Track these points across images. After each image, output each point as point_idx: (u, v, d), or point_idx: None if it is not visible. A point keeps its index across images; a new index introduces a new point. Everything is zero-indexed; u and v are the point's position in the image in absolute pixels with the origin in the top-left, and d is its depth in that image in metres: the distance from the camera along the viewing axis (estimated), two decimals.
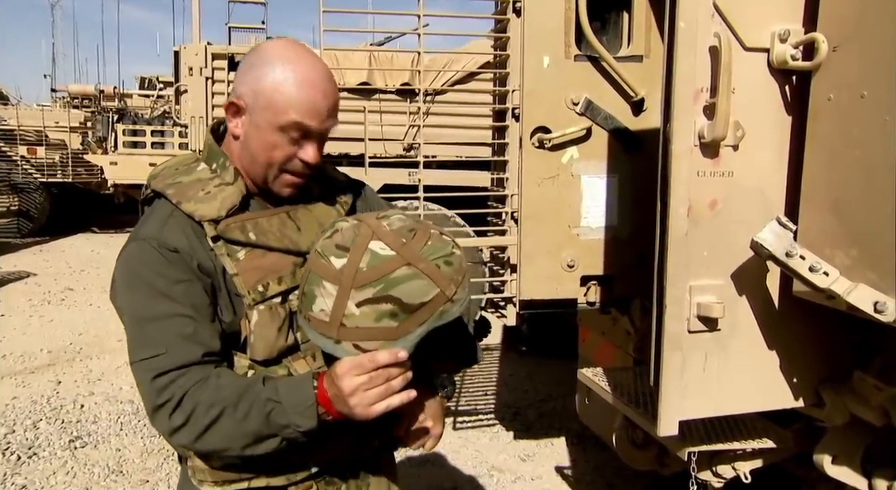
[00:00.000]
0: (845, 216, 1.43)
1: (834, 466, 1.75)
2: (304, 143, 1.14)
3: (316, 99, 1.12)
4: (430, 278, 1.01)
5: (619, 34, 2.66)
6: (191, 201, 1.13)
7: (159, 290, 1.08)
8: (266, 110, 1.12)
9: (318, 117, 1.12)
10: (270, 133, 1.12)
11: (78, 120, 12.18)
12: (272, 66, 1.12)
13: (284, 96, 1.10)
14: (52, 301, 7.15)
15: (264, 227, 1.17)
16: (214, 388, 1.06)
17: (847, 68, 1.43)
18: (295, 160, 1.15)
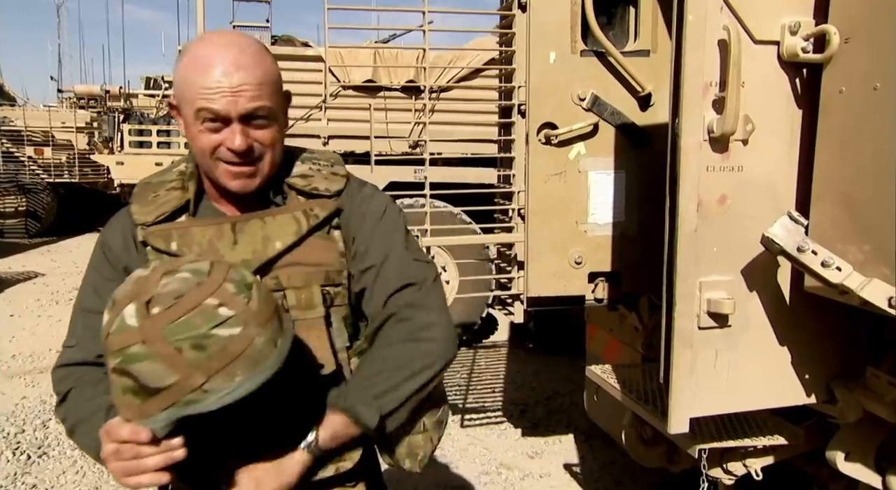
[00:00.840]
0: (858, 210, 1.42)
1: (847, 463, 1.73)
2: (226, 129, 1.06)
3: (216, 78, 1.02)
4: (164, 363, 0.87)
5: (625, 29, 2.64)
6: (138, 203, 1.14)
7: (93, 284, 1.16)
8: (183, 103, 1.08)
9: (223, 99, 1.03)
10: (192, 124, 1.07)
11: (84, 120, 12.23)
12: (181, 56, 1.08)
13: (187, 84, 1.05)
14: (61, 301, 7.18)
15: (193, 238, 1.11)
16: (85, 399, 1.09)
17: (859, 60, 1.41)
18: (222, 149, 1.07)
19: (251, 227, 1.13)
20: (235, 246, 1.11)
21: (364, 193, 1.22)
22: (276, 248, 1.12)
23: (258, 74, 1.05)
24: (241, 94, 1.03)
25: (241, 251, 1.11)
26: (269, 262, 1.12)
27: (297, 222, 1.14)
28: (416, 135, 5.34)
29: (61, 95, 15.81)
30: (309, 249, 1.15)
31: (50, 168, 11.60)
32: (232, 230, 1.12)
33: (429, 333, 1.14)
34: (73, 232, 12.12)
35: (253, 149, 1.08)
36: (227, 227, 1.12)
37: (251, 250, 1.11)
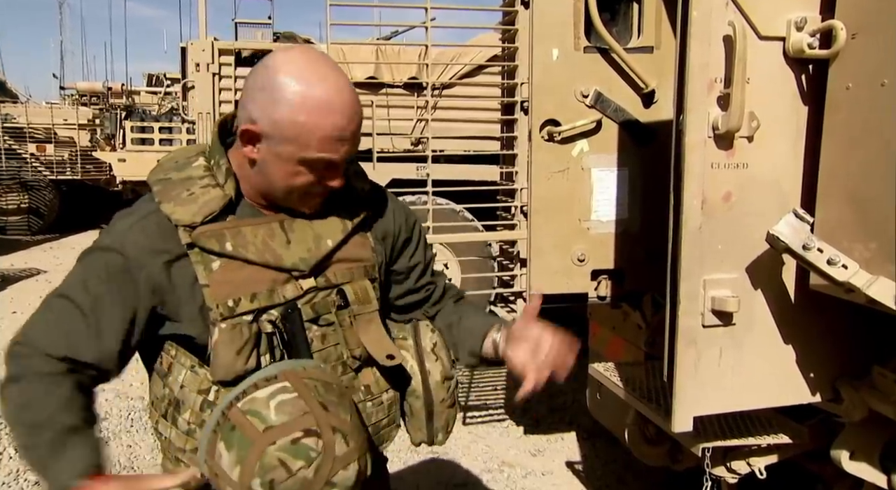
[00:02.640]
0: (864, 208, 1.40)
1: (852, 462, 1.72)
2: (328, 171, 1.07)
3: (341, 129, 1.03)
4: None
5: (628, 25, 2.62)
6: (171, 202, 1.07)
7: (88, 282, 1.08)
8: (288, 143, 1.03)
9: (344, 147, 1.05)
10: (293, 165, 1.04)
11: (86, 117, 12.23)
12: (290, 91, 1.01)
13: (307, 131, 1.01)
14: None
15: (246, 238, 1.08)
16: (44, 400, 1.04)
17: (867, 56, 1.39)
18: (317, 186, 1.08)
19: (300, 225, 1.14)
20: (289, 245, 1.12)
21: (383, 192, 1.30)
22: (329, 246, 1.15)
23: (360, 119, 1.08)
24: (354, 140, 1.07)
25: (296, 250, 1.12)
26: (322, 259, 1.15)
27: (342, 220, 1.17)
28: (419, 132, 5.33)
29: (63, 92, 15.82)
30: (351, 246, 1.18)
31: (52, 165, 11.60)
32: (282, 229, 1.12)
33: None
34: (75, 229, 12.13)
35: None
36: (276, 225, 1.12)
37: (306, 248, 1.12)
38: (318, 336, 1.15)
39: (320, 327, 1.15)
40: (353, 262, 1.18)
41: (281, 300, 1.11)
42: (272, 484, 0.98)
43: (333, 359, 1.16)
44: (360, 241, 1.20)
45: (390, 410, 1.25)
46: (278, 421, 0.99)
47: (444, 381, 1.25)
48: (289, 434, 0.98)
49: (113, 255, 1.08)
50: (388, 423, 1.25)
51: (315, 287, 1.14)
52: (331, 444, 1.00)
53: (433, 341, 1.27)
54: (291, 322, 1.12)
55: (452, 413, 1.30)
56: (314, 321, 1.14)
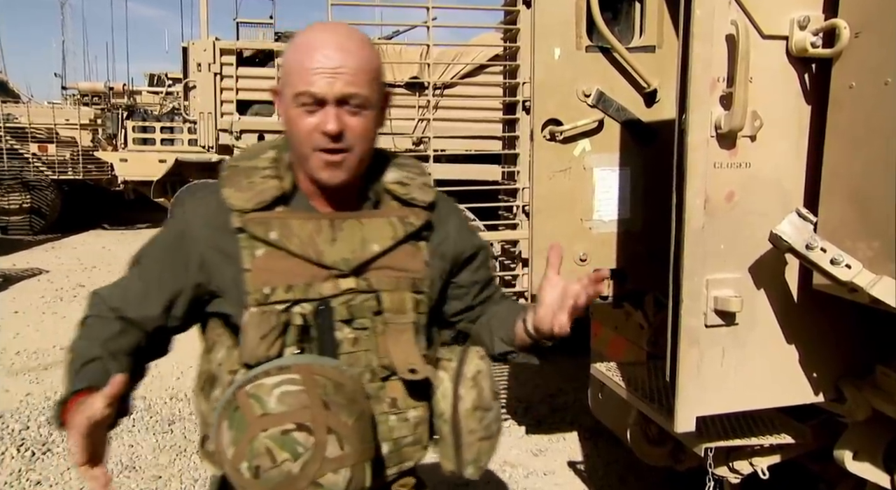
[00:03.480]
0: (868, 207, 1.40)
1: (855, 462, 1.72)
2: (320, 112, 1.06)
3: (318, 61, 1.04)
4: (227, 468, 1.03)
5: (630, 24, 2.62)
6: (232, 187, 1.13)
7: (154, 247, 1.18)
8: (285, 87, 1.09)
9: (321, 80, 1.04)
10: (291, 108, 1.08)
11: (88, 117, 12.24)
12: (290, 43, 1.10)
13: (290, 66, 1.07)
14: (65, 298, 7.19)
15: (292, 229, 1.11)
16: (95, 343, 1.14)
17: (870, 55, 1.39)
18: (316, 134, 1.07)
19: (349, 225, 1.14)
20: (334, 243, 1.12)
21: (451, 211, 1.29)
22: (374, 251, 1.14)
23: (358, 60, 1.06)
24: (339, 76, 1.04)
25: (339, 249, 1.12)
26: (365, 262, 1.14)
27: (394, 228, 1.16)
28: (420, 131, 5.33)
29: (65, 92, 15.84)
30: (400, 255, 1.17)
31: (54, 165, 11.61)
32: (330, 227, 1.13)
33: None
34: (77, 229, 12.14)
35: (344, 135, 1.07)
36: (325, 222, 1.13)
37: (350, 249, 1.13)
38: (349, 338, 1.14)
39: (354, 330, 1.15)
40: (399, 271, 1.17)
41: (316, 296, 1.12)
42: (258, 471, 0.99)
43: (362, 364, 1.15)
44: (411, 251, 1.18)
45: (416, 429, 1.20)
46: (275, 410, 1.00)
47: (475, 411, 1.18)
48: (281, 424, 0.99)
49: (178, 224, 1.18)
50: (413, 442, 1.21)
51: (354, 289, 1.14)
52: (322, 444, 1.00)
53: (477, 369, 1.21)
54: (322, 318, 1.12)
55: (486, 447, 1.21)
56: (348, 323, 1.14)
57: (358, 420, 1.05)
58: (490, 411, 1.20)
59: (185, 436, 3.86)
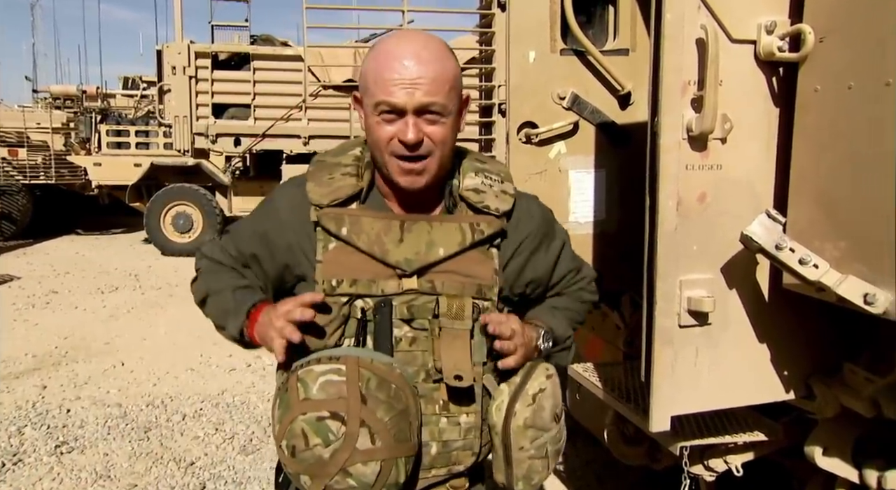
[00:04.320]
0: (834, 208, 1.43)
1: (825, 458, 1.75)
2: (400, 121, 1.09)
3: (396, 72, 1.07)
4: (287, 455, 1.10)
5: (604, 28, 2.64)
6: (313, 182, 1.19)
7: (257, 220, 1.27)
8: (365, 95, 1.13)
9: (400, 91, 1.07)
10: (371, 116, 1.11)
11: (60, 121, 12.07)
12: (370, 52, 1.13)
13: (370, 76, 1.10)
14: (37, 304, 7.06)
15: (363, 227, 1.15)
16: (215, 279, 1.28)
17: (834, 59, 1.42)
18: (394, 142, 1.10)
19: (418, 228, 1.17)
20: (401, 243, 1.16)
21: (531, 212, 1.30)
22: (439, 254, 1.17)
23: (436, 70, 1.09)
24: (418, 87, 1.07)
25: (405, 249, 1.16)
26: (429, 265, 1.17)
27: (463, 233, 1.18)
28: None
29: (37, 96, 15.58)
30: (467, 261, 1.18)
31: (25, 169, 11.41)
32: (400, 228, 1.17)
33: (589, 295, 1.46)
34: (50, 234, 11.94)
35: (423, 143, 1.11)
36: (395, 223, 1.17)
37: (415, 251, 1.16)
38: (408, 337, 1.17)
39: (413, 330, 1.17)
40: (465, 276, 1.18)
41: (379, 292, 1.15)
42: (294, 450, 1.06)
43: (418, 364, 1.17)
44: (479, 258, 1.19)
45: (467, 435, 1.20)
46: (316, 396, 1.06)
47: (527, 429, 1.18)
48: (318, 411, 1.05)
49: (269, 210, 1.26)
50: (462, 447, 1.21)
51: (416, 289, 1.16)
52: (353, 435, 1.04)
53: (540, 387, 1.21)
54: (381, 315, 1.15)
55: (537, 466, 1.21)
56: (408, 322, 1.16)
57: (396, 418, 1.08)
58: (547, 432, 1.21)
59: (161, 443, 3.81)
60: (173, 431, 3.98)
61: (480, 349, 1.19)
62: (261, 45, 6.61)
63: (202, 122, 5.20)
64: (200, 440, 3.87)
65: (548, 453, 1.22)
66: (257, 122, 7.22)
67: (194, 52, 5.21)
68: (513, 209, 1.23)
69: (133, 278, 8.39)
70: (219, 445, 3.80)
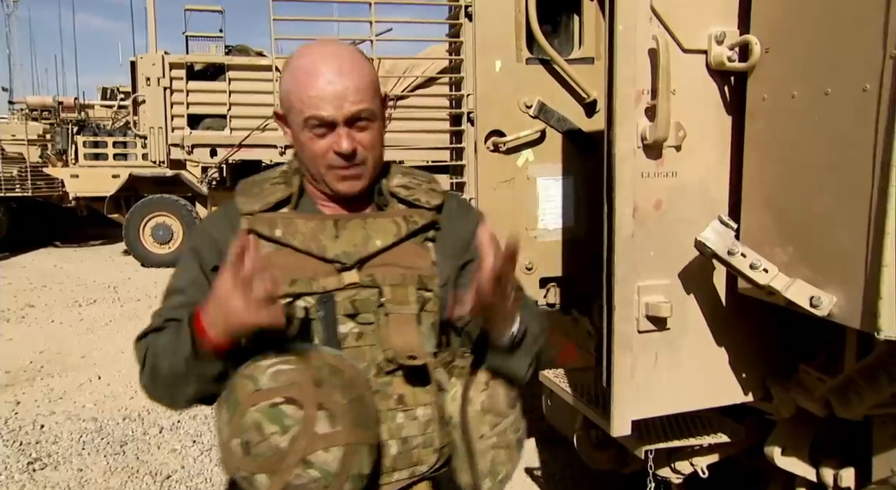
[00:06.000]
0: (782, 214, 1.46)
1: (783, 458, 1.78)
2: (332, 134, 1.11)
3: (321, 87, 1.09)
4: None
5: (570, 36, 2.68)
6: (243, 196, 1.20)
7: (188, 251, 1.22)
8: (290, 112, 1.14)
9: (330, 104, 1.09)
10: (301, 133, 1.13)
11: (36, 132, 11.93)
12: (287, 67, 1.14)
13: (295, 94, 1.11)
14: (12, 319, 6.96)
15: (297, 227, 1.16)
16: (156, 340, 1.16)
17: (778, 69, 1.46)
18: (330, 154, 1.12)
19: (352, 225, 1.18)
20: (337, 239, 1.16)
21: (461, 210, 1.29)
22: (376, 246, 1.17)
23: (357, 78, 1.11)
24: (345, 98, 1.10)
25: (342, 244, 1.16)
26: (367, 257, 1.16)
27: (397, 226, 1.19)
28: None
29: (13, 107, 15.41)
30: (404, 253, 1.19)
31: (0, 182, 11.26)
32: (334, 226, 1.17)
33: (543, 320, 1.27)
34: (26, 247, 11.79)
35: (357, 152, 1.13)
36: (329, 222, 1.17)
37: (352, 244, 1.16)
38: (354, 333, 1.15)
39: (358, 324, 1.16)
40: (405, 267, 1.18)
41: (319, 289, 1.14)
42: (248, 446, 1.00)
43: (367, 359, 1.15)
44: (416, 249, 1.20)
45: (426, 428, 1.17)
46: (266, 385, 1.02)
47: (485, 414, 1.16)
48: (271, 398, 1.01)
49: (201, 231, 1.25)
50: (423, 444, 1.17)
51: (358, 283, 1.15)
52: (311, 419, 1.00)
53: (492, 374, 1.19)
54: (325, 312, 1.14)
55: (501, 456, 1.17)
56: (353, 317, 1.15)
57: (354, 401, 1.04)
58: (505, 418, 1.18)
59: (137, 457, 3.78)
60: (150, 445, 3.95)
61: (430, 339, 1.18)
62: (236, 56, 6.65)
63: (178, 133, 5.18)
64: (178, 453, 3.84)
65: (510, 443, 1.18)
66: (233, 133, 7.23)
67: (169, 62, 5.20)
68: (443, 204, 1.24)
69: (112, 290, 8.31)
70: (196, 458, 3.77)
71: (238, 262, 0.97)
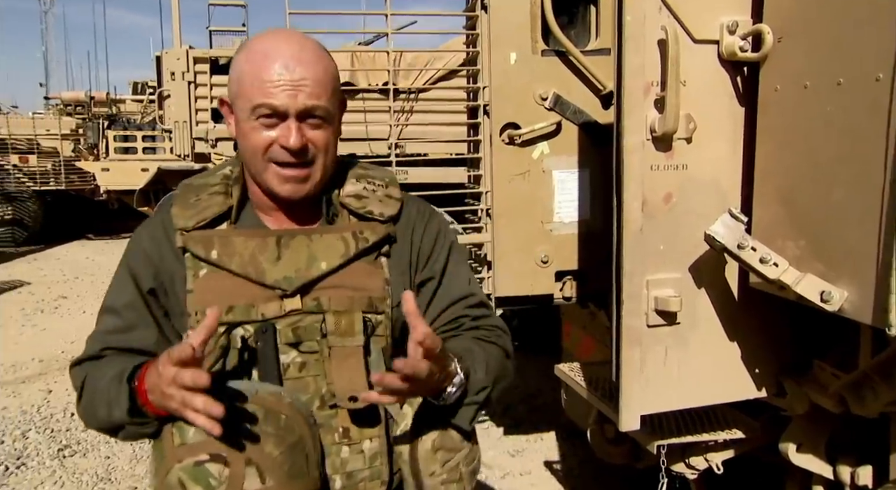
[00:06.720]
0: (794, 207, 1.43)
1: (799, 455, 1.75)
2: (280, 126, 1.01)
3: (277, 73, 0.99)
4: None
5: (586, 27, 2.65)
6: (178, 206, 1.09)
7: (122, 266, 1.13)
8: (238, 98, 1.04)
9: (283, 93, 0.99)
10: (245, 121, 1.02)
11: (69, 127, 12.18)
12: (239, 51, 1.05)
13: (245, 78, 1.01)
14: (46, 310, 7.16)
15: (235, 248, 1.05)
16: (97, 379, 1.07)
17: (791, 59, 1.42)
18: (275, 147, 1.02)
19: (297, 243, 1.08)
20: (278, 261, 1.06)
21: (421, 218, 1.19)
22: (321, 269, 1.07)
23: (318, 71, 1.02)
24: (301, 89, 1.00)
25: (283, 267, 1.06)
26: (311, 281, 1.07)
27: (346, 244, 1.09)
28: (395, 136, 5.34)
29: (48, 102, 15.75)
30: (353, 273, 1.09)
31: (35, 176, 11.54)
32: (276, 244, 1.07)
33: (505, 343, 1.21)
34: (60, 239, 12.08)
35: (307, 149, 1.03)
36: (271, 240, 1.07)
37: (294, 268, 1.06)
38: (296, 363, 1.07)
39: (301, 354, 1.07)
40: (353, 290, 1.09)
41: (258, 317, 1.05)
42: None
43: (311, 390, 1.07)
44: (366, 269, 1.11)
45: (373, 462, 1.10)
46: (192, 440, 0.95)
47: (435, 452, 1.08)
48: (195, 455, 0.94)
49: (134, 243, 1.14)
50: (370, 477, 1.10)
51: (300, 310, 1.06)
52: (238, 476, 0.93)
53: None
54: (264, 341, 1.05)
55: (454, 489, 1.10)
56: (295, 346, 1.07)
57: (288, 450, 0.98)
58: (458, 452, 1.11)
59: None
60: None
61: (379, 366, 1.09)
62: None
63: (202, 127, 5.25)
64: None
65: (462, 476, 1.11)
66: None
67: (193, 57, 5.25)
68: (400, 212, 1.15)
69: None
70: None
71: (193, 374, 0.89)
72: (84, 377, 1.10)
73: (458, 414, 1.09)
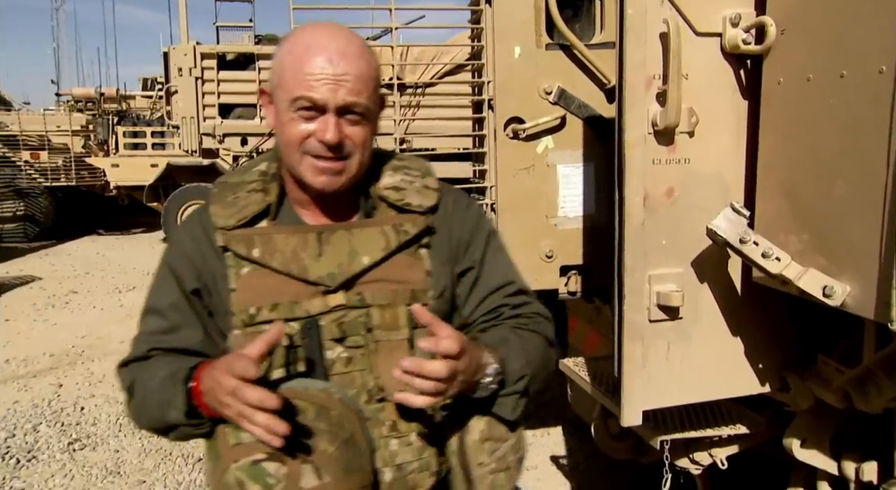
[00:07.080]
0: (797, 201, 1.42)
1: (803, 450, 1.74)
2: (319, 119, 1.01)
3: (319, 66, 0.99)
4: None
5: (591, 21, 2.63)
6: (217, 204, 1.10)
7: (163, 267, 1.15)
8: (278, 89, 1.04)
9: (324, 87, 0.99)
10: (285, 112, 1.03)
11: (80, 123, 12.26)
12: (286, 39, 1.05)
13: (287, 68, 1.02)
14: (57, 304, 7.22)
15: (277, 245, 1.06)
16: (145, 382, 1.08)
17: (794, 52, 1.41)
18: (311, 140, 1.02)
19: (337, 238, 1.08)
20: (320, 258, 1.07)
21: (458, 207, 1.19)
22: (363, 264, 1.08)
23: (361, 67, 1.02)
24: (342, 84, 1.00)
25: (325, 263, 1.07)
26: (354, 276, 1.08)
27: (386, 237, 1.09)
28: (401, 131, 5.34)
29: (59, 99, 15.84)
30: (395, 266, 1.10)
31: (46, 172, 11.63)
32: (317, 240, 1.08)
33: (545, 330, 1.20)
34: (71, 235, 12.18)
35: (343, 145, 1.03)
36: (311, 236, 1.08)
37: (336, 263, 1.07)
38: (342, 358, 1.07)
39: (347, 349, 1.07)
40: (396, 283, 1.09)
41: (303, 314, 1.06)
42: None
43: (357, 385, 1.07)
44: (408, 261, 1.11)
45: (422, 453, 1.09)
46: (247, 439, 0.95)
47: (483, 442, 1.10)
48: (251, 454, 0.95)
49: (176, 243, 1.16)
50: (419, 469, 1.09)
51: (344, 305, 1.07)
52: (295, 474, 0.94)
53: None
54: (309, 338, 1.05)
55: (500, 479, 1.12)
56: (340, 341, 1.07)
57: (342, 447, 0.98)
58: (505, 442, 1.12)
59: None
60: None
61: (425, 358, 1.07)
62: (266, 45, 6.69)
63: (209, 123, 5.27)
64: None
65: (510, 464, 1.13)
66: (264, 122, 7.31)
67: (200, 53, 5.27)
68: (439, 203, 1.15)
69: (150, 277, 8.48)
70: None
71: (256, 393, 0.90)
72: (133, 378, 1.11)
73: (499, 404, 1.10)
